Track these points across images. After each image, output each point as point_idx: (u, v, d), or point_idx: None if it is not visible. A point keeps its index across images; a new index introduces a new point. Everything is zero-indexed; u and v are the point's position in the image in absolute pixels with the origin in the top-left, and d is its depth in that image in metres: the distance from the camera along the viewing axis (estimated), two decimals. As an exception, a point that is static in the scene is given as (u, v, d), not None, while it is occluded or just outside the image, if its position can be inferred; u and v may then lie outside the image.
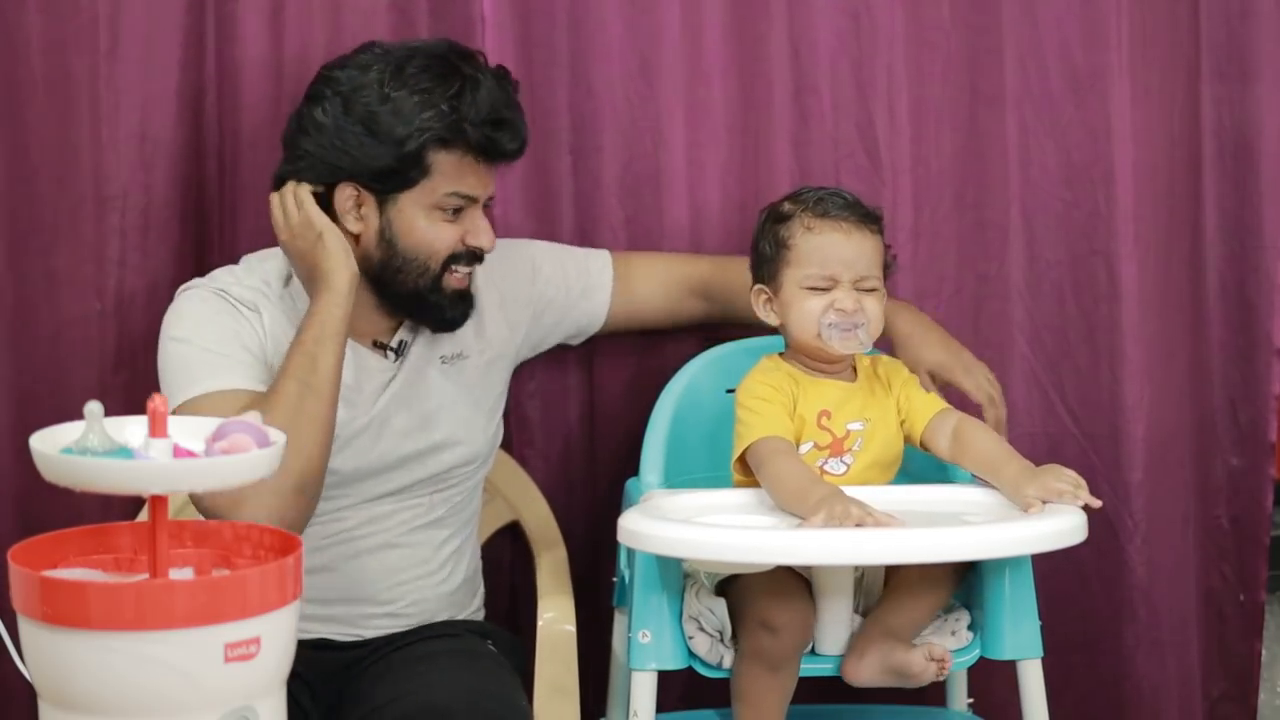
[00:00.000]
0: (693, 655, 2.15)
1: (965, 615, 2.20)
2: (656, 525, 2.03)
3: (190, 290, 2.27)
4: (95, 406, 1.64)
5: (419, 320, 2.32)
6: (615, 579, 2.41)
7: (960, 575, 2.18)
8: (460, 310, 2.31)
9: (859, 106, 2.58)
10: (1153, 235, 2.63)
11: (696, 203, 2.57)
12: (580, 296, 2.47)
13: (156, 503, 1.64)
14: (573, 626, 2.31)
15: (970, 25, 2.60)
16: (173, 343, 2.21)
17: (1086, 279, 2.63)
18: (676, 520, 2.06)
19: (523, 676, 2.28)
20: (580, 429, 2.60)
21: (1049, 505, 2.06)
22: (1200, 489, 2.74)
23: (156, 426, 1.64)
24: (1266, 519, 2.77)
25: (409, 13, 2.50)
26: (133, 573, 1.75)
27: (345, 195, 2.23)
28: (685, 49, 2.54)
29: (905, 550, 1.99)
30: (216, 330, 2.21)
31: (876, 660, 2.10)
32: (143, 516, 2.00)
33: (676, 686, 2.37)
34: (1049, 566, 2.27)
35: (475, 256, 2.28)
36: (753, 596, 2.12)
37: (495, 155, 2.26)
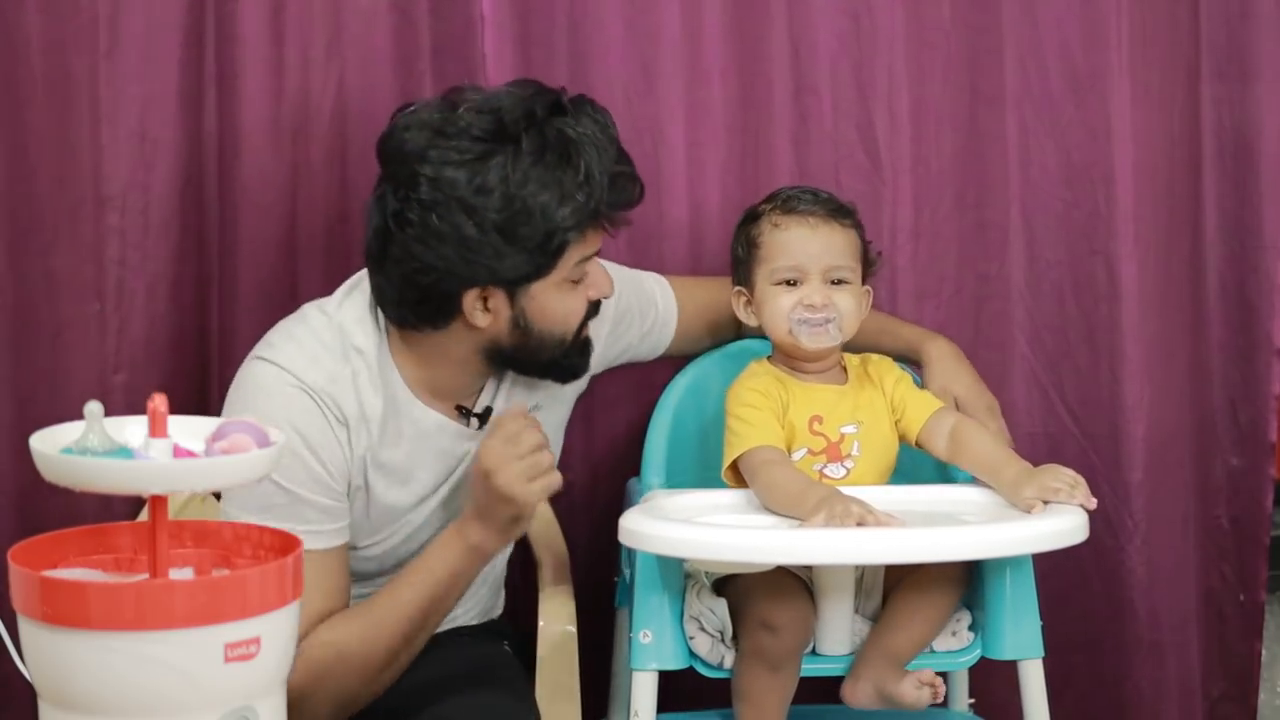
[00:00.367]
0: (694, 655, 2.15)
1: (966, 615, 2.19)
2: (657, 525, 2.03)
3: (269, 371, 2.08)
4: (95, 406, 1.64)
5: (547, 378, 2.22)
6: (616, 579, 2.41)
7: (961, 591, 2.18)
8: (588, 358, 2.22)
9: (859, 106, 2.58)
10: (1153, 235, 2.63)
11: (696, 202, 2.57)
12: (645, 335, 2.41)
13: (156, 503, 1.64)
14: (574, 627, 2.31)
15: (970, 25, 2.60)
16: None
17: (1086, 279, 2.63)
18: (677, 520, 2.06)
19: (528, 676, 2.28)
20: (581, 429, 2.59)
21: (1049, 505, 2.06)
22: (1200, 489, 2.74)
23: (156, 426, 1.64)
24: (1266, 519, 2.77)
25: (409, 13, 2.49)
26: (133, 573, 1.75)
27: (473, 298, 2.09)
28: (685, 49, 2.54)
29: (906, 550, 1.99)
30: (300, 465, 2.06)
31: (870, 686, 2.10)
32: (143, 516, 1.99)
33: (677, 687, 2.37)
34: (1049, 566, 2.27)
35: (597, 306, 2.19)
36: (753, 596, 2.12)
37: (626, 211, 2.15)
